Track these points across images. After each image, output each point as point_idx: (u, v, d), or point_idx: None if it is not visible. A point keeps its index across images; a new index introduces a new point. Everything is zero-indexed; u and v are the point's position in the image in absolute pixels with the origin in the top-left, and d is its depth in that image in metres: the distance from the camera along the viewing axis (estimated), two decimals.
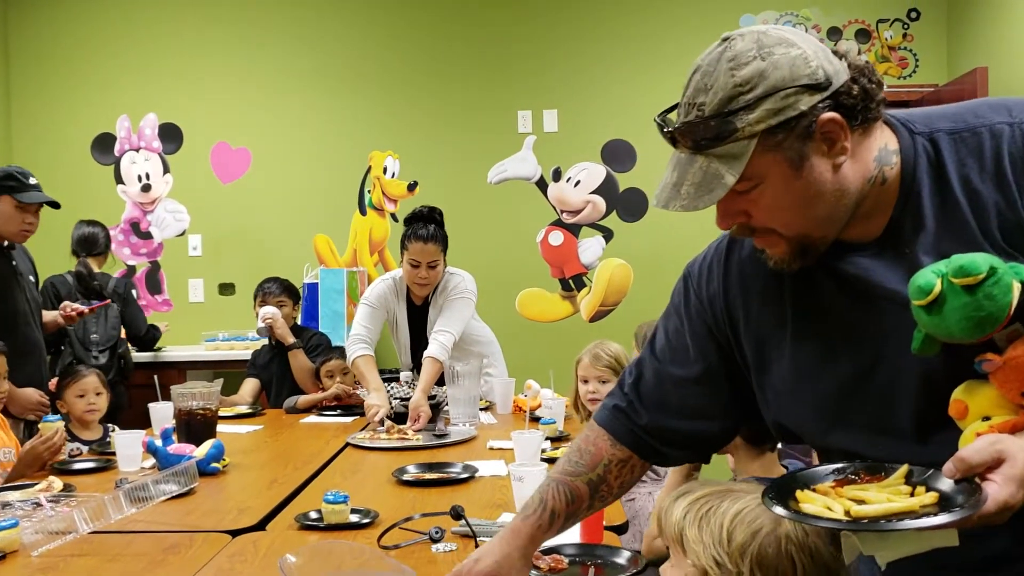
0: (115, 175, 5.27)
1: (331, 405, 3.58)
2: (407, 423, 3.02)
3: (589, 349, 2.85)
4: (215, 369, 4.76)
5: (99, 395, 2.94)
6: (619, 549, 1.68)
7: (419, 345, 3.48)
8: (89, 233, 4.37)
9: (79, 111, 5.23)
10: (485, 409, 3.40)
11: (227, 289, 5.24)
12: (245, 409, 3.61)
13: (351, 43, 5.19)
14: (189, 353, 4.81)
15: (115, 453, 2.58)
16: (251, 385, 3.88)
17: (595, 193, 5.17)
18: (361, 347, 3.40)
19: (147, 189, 5.26)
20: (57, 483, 2.24)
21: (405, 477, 2.34)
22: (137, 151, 5.27)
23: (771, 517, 1.08)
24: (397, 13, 5.18)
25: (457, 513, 1.78)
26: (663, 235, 5.05)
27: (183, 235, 5.26)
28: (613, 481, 1.34)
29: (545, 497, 1.33)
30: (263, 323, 3.75)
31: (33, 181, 3.25)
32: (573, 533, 1.66)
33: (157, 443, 2.44)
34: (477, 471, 2.38)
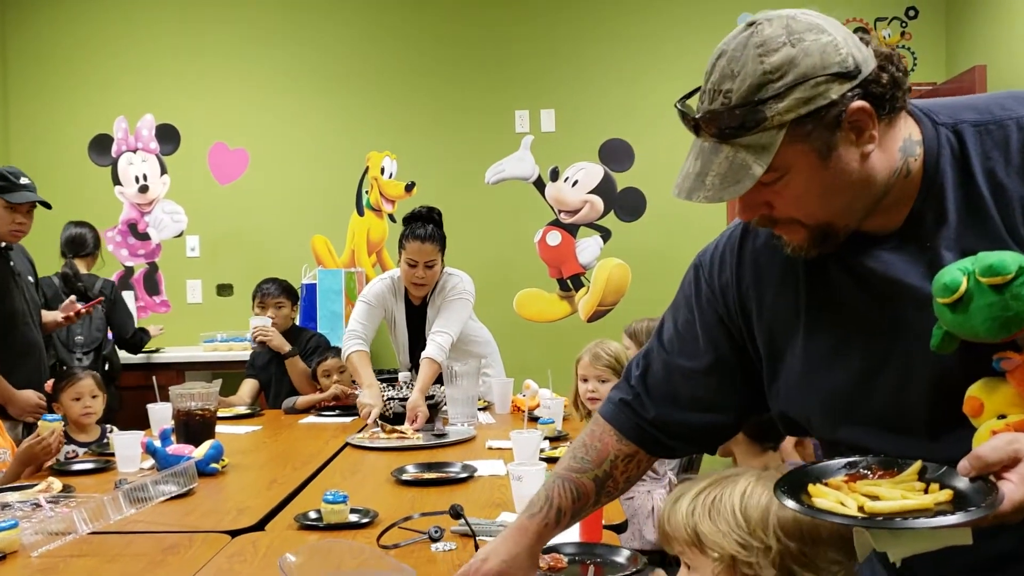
0: (112, 176, 5.26)
1: (330, 405, 3.57)
2: (405, 423, 3.02)
3: (589, 348, 2.85)
4: (213, 370, 4.76)
5: (95, 397, 2.93)
6: (618, 548, 1.68)
7: (417, 345, 3.48)
8: (77, 234, 4.34)
9: (76, 112, 5.23)
10: (483, 409, 3.39)
11: (225, 290, 5.24)
12: (244, 410, 3.61)
13: (348, 43, 5.19)
14: (187, 354, 4.81)
15: (114, 454, 2.58)
16: (250, 386, 3.88)
17: (593, 193, 5.17)
18: (356, 343, 3.40)
19: (144, 190, 5.25)
20: (56, 484, 2.24)
21: (404, 477, 2.34)
22: (134, 152, 5.26)
23: None
24: (395, 13, 5.18)
25: (456, 512, 1.77)
26: (661, 235, 5.05)
27: (181, 236, 5.26)
28: (619, 476, 1.33)
29: (551, 494, 1.31)
30: (256, 340, 3.71)
31: (24, 181, 3.23)
32: (572, 532, 1.66)
33: (156, 444, 2.44)
34: (476, 471, 2.38)
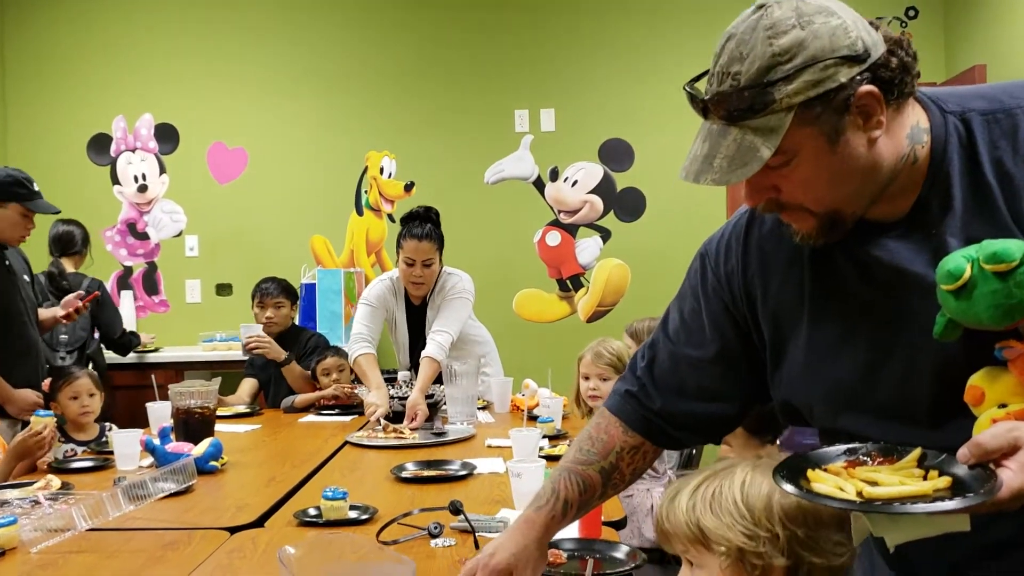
0: (111, 175, 5.26)
1: (329, 404, 3.57)
2: (404, 422, 3.02)
3: (592, 346, 2.86)
4: (212, 370, 4.75)
5: (92, 396, 2.93)
6: (617, 544, 1.68)
7: (417, 345, 3.48)
8: (64, 232, 4.32)
9: (75, 111, 5.22)
10: (483, 409, 3.39)
11: (224, 290, 5.23)
12: (243, 409, 3.60)
13: (347, 43, 5.19)
14: (186, 354, 4.81)
15: (113, 452, 2.57)
16: (249, 385, 3.88)
17: (593, 193, 5.17)
18: (363, 346, 3.40)
19: (143, 190, 5.25)
20: (55, 482, 2.24)
21: (404, 475, 2.34)
22: (133, 151, 5.26)
23: None
24: (393, 13, 5.18)
25: (456, 508, 1.77)
26: (661, 235, 5.05)
27: (180, 236, 5.26)
28: (625, 468, 1.33)
29: (557, 487, 1.31)
30: (249, 349, 3.66)
31: (36, 188, 3.30)
32: (571, 528, 1.66)
33: (155, 442, 2.44)
34: (475, 468, 2.38)
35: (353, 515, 1.93)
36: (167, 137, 5.24)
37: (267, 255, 5.12)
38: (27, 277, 3.47)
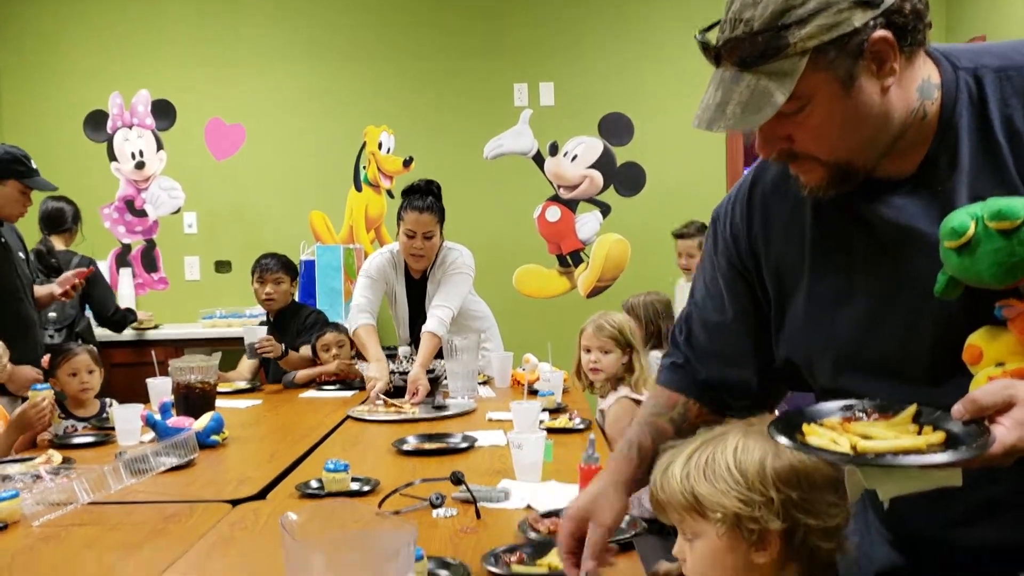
0: (108, 152, 5.23)
1: (330, 379, 3.57)
2: (405, 396, 3.02)
3: (593, 319, 2.85)
4: (212, 347, 4.74)
5: (91, 373, 2.92)
6: None
7: (417, 319, 3.47)
8: (54, 208, 4.28)
9: (71, 88, 5.18)
10: (483, 383, 3.39)
11: (223, 267, 5.22)
12: (244, 385, 3.61)
13: (345, 16, 5.14)
14: (186, 331, 4.81)
15: (114, 428, 2.57)
16: (249, 363, 3.87)
17: (592, 167, 5.15)
18: (363, 316, 3.40)
19: (141, 166, 5.22)
20: (56, 457, 2.24)
21: (405, 448, 2.34)
22: (130, 128, 5.22)
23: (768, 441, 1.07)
24: None
25: (457, 479, 1.78)
26: (661, 210, 5.02)
27: (178, 213, 5.24)
28: (694, 419, 1.34)
29: (631, 437, 1.35)
30: (260, 353, 3.61)
31: (34, 165, 3.31)
32: (572, 495, 1.66)
33: (156, 417, 2.44)
34: (476, 441, 2.38)
35: (355, 487, 1.93)
36: (164, 113, 5.21)
37: (266, 232, 5.11)
38: (23, 254, 3.46)
